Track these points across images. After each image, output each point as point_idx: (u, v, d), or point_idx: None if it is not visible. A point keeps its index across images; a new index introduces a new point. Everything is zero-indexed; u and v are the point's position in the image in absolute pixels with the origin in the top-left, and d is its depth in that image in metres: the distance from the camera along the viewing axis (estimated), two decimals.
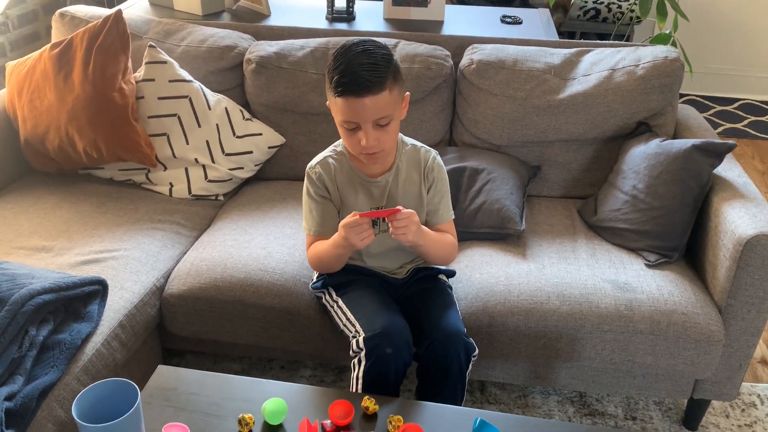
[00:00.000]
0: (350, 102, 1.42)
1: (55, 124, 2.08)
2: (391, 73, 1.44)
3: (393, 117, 1.47)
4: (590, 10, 3.94)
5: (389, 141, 1.50)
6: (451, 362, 1.50)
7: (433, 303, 1.62)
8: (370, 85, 1.40)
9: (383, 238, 1.64)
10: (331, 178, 1.62)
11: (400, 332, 1.51)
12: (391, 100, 1.45)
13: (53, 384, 1.42)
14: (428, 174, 1.63)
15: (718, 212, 1.78)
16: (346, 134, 1.50)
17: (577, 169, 2.19)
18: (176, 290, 1.79)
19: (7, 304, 1.39)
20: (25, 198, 2.07)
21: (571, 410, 2.01)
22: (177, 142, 2.13)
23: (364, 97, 1.40)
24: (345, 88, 1.41)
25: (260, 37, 2.36)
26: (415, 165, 1.64)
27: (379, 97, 1.42)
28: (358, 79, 1.40)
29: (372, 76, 1.40)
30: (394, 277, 1.70)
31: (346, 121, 1.46)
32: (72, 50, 2.10)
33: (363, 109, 1.42)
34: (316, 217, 1.63)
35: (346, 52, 1.43)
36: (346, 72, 1.40)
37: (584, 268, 1.81)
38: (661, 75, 2.08)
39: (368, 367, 1.47)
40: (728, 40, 4.13)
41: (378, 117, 1.44)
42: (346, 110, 1.43)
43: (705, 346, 1.69)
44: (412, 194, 1.64)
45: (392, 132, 1.50)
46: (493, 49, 2.19)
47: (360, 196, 1.62)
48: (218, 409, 1.36)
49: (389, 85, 1.43)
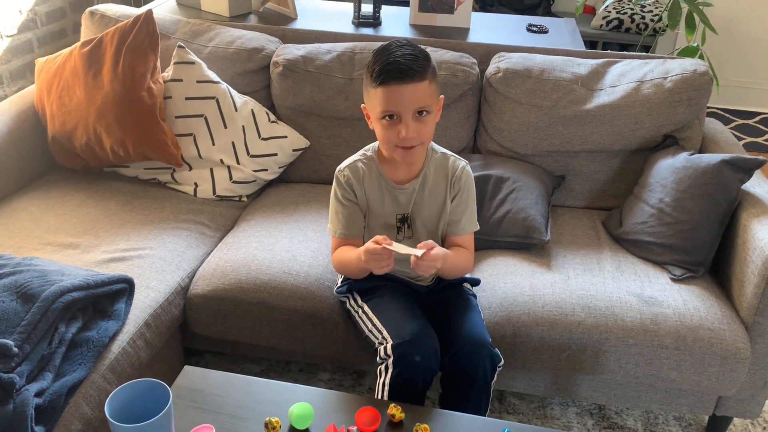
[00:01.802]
0: (392, 89, 1.45)
1: (84, 121, 2.09)
2: (430, 67, 1.49)
3: (432, 110, 1.50)
4: (613, 20, 3.92)
5: (427, 135, 1.53)
6: (476, 372, 1.50)
7: (458, 312, 1.62)
8: (413, 73, 1.44)
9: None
10: (359, 182, 1.62)
11: (428, 340, 1.51)
12: (430, 92, 1.48)
13: (81, 381, 1.43)
14: (455, 183, 1.64)
15: (747, 228, 1.77)
16: (385, 127, 1.50)
17: (601, 180, 2.18)
18: (201, 290, 1.80)
19: (38, 301, 1.40)
20: (52, 194, 2.09)
21: (590, 422, 2.00)
22: (203, 142, 2.15)
23: (406, 84, 1.44)
24: (387, 75, 1.44)
25: (287, 40, 2.37)
26: (442, 173, 1.64)
27: (420, 85, 1.45)
28: (401, 66, 1.44)
29: (414, 64, 1.45)
30: (418, 284, 1.70)
31: (386, 111, 1.48)
32: (102, 49, 2.12)
33: (404, 96, 1.45)
34: (342, 221, 1.64)
35: (386, 48, 1.49)
36: (389, 61, 1.45)
37: (609, 280, 1.81)
38: (689, 88, 2.07)
39: (395, 375, 1.47)
40: (750, 54, 4.11)
41: (419, 106, 1.47)
42: (388, 99, 1.46)
43: (731, 363, 1.68)
44: (436, 202, 1.64)
45: (430, 126, 1.52)
46: (520, 58, 2.19)
47: (386, 202, 1.63)
48: (244, 411, 1.36)
49: (429, 77, 1.47)
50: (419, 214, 1.65)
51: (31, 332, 1.37)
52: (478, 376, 1.50)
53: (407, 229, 1.65)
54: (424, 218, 1.65)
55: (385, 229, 1.65)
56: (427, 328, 1.54)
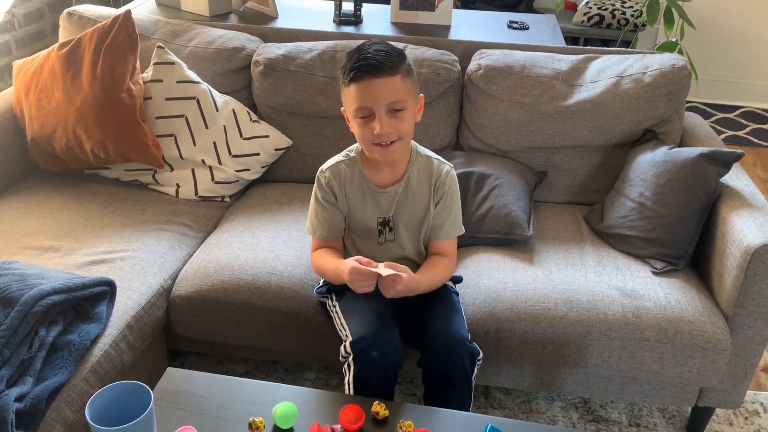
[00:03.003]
0: (364, 85, 1.44)
1: (63, 123, 2.07)
2: (403, 64, 1.48)
3: (407, 106, 1.48)
4: (594, 16, 3.95)
5: (404, 130, 1.50)
6: (455, 369, 1.50)
7: (436, 311, 1.61)
8: (383, 67, 1.43)
9: (389, 248, 1.64)
10: (340, 185, 1.61)
11: (386, 335, 1.51)
12: (404, 88, 1.47)
13: (62, 385, 1.42)
14: (438, 188, 1.62)
15: (726, 221, 1.79)
16: (361, 125, 1.49)
17: (583, 176, 2.19)
18: (184, 292, 1.79)
19: (18, 305, 1.39)
20: (31, 197, 2.07)
21: (576, 416, 2.01)
22: (184, 143, 2.13)
23: (377, 78, 1.43)
24: (359, 71, 1.44)
25: (268, 39, 2.36)
26: (426, 176, 1.63)
27: (392, 79, 1.44)
28: (371, 61, 1.43)
29: (385, 59, 1.44)
30: None
31: (360, 108, 1.47)
32: (80, 50, 2.10)
33: (376, 91, 1.44)
34: (321, 222, 1.64)
35: (359, 47, 1.49)
36: (360, 58, 1.45)
37: (591, 274, 1.82)
38: (668, 83, 2.08)
39: (357, 372, 1.48)
40: (730, 48, 4.15)
41: (391, 100, 1.45)
42: (360, 95, 1.45)
43: (712, 354, 1.69)
44: (420, 206, 1.64)
45: (406, 122, 1.50)
46: (501, 55, 2.20)
47: (368, 205, 1.62)
48: (228, 412, 1.36)
49: (402, 72, 1.46)
50: (402, 217, 1.64)
51: (11, 336, 1.35)
52: (458, 372, 1.50)
53: (389, 232, 1.64)
54: (406, 222, 1.64)
55: (366, 232, 1.65)
56: (387, 324, 1.54)
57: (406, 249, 1.67)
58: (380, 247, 1.65)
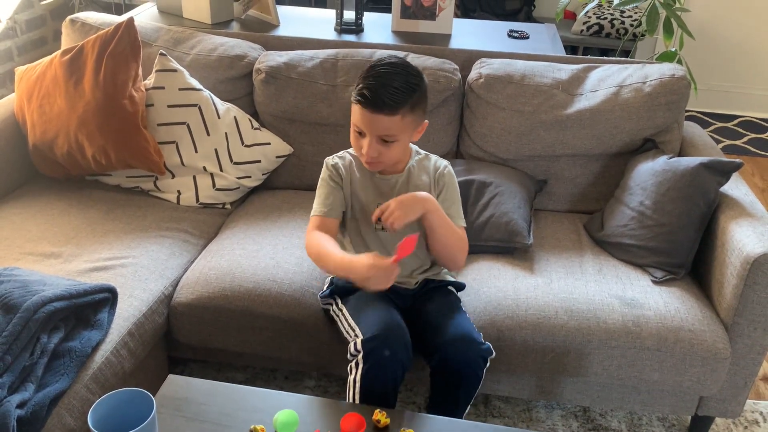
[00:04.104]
0: (363, 112, 1.53)
1: (65, 129, 2.08)
2: (410, 101, 1.53)
3: (398, 138, 1.56)
4: (593, 26, 3.97)
5: (390, 157, 1.59)
6: (467, 369, 1.52)
7: (443, 313, 1.63)
8: (383, 106, 1.50)
9: (388, 237, 1.64)
10: (346, 169, 1.69)
11: (398, 335, 1.51)
12: (401, 125, 1.54)
13: (63, 392, 1.42)
14: (438, 179, 1.69)
15: (725, 230, 1.80)
16: (354, 136, 1.60)
17: (583, 184, 2.20)
18: (185, 299, 1.79)
19: (20, 311, 1.39)
20: (33, 203, 2.07)
21: (575, 425, 2.01)
22: (186, 150, 2.14)
23: (375, 114, 1.51)
24: (362, 99, 1.52)
25: (269, 47, 2.37)
26: (425, 170, 1.70)
27: (389, 118, 1.51)
28: (376, 98, 1.50)
29: (390, 98, 1.50)
30: (404, 287, 1.70)
31: (355, 124, 1.57)
32: (83, 57, 2.11)
33: (371, 122, 1.53)
34: (323, 200, 1.68)
35: (379, 66, 1.54)
36: (370, 86, 1.50)
37: (591, 283, 1.82)
38: (667, 92, 2.09)
39: (366, 371, 1.47)
40: (729, 58, 4.17)
41: (383, 134, 1.54)
42: (358, 116, 1.55)
43: (711, 363, 1.70)
44: None
45: (394, 150, 1.58)
46: (502, 64, 2.21)
47: (369, 191, 1.67)
48: (229, 419, 1.36)
49: (404, 112, 1.52)
50: None
51: (13, 343, 1.35)
52: (470, 372, 1.52)
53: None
54: None
55: (366, 219, 1.66)
56: (398, 324, 1.55)
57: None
58: (380, 234, 1.67)
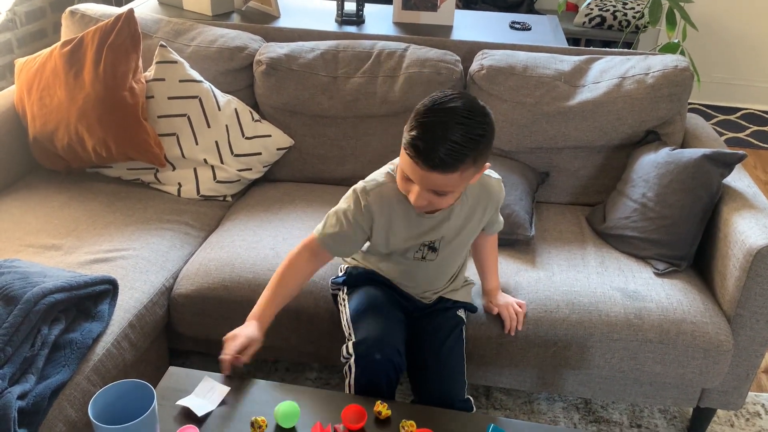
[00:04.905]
0: (415, 167, 1.28)
1: (65, 122, 2.07)
2: (473, 156, 1.28)
3: (454, 191, 1.35)
4: (596, 17, 3.95)
5: (441, 205, 1.39)
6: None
7: (441, 352, 1.56)
8: (441, 165, 1.26)
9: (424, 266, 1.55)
10: (381, 210, 1.46)
11: (389, 337, 1.48)
12: (459, 180, 1.31)
13: (64, 383, 1.42)
14: (495, 207, 1.57)
15: (728, 222, 1.79)
16: (402, 179, 1.36)
17: (585, 176, 2.19)
18: (185, 290, 1.79)
19: (20, 303, 1.38)
20: (33, 196, 2.07)
21: (577, 417, 2.01)
22: (186, 142, 2.13)
23: (430, 173, 1.28)
24: (415, 153, 1.27)
25: (270, 39, 2.36)
26: (481, 201, 1.51)
27: (446, 176, 1.28)
28: (432, 156, 1.25)
29: (449, 157, 1.25)
30: (419, 299, 1.65)
31: (403, 170, 1.34)
32: (83, 48, 2.10)
33: (424, 178, 1.30)
34: (335, 237, 1.49)
35: (438, 110, 1.27)
36: (426, 137, 1.25)
37: (593, 276, 1.82)
38: (670, 84, 2.08)
39: (359, 374, 1.45)
40: (731, 50, 4.15)
41: (436, 189, 1.33)
42: (409, 169, 1.31)
43: (714, 355, 1.69)
44: (469, 229, 1.54)
45: (447, 200, 1.37)
46: (504, 55, 2.20)
47: (412, 231, 1.49)
48: (230, 411, 1.36)
49: (463, 168, 1.28)
50: (448, 241, 1.53)
51: (13, 334, 1.35)
52: None
53: (429, 252, 1.54)
54: (452, 245, 1.54)
55: (405, 251, 1.55)
56: (392, 327, 1.51)
57: (445, 267, 1.61)
58: (416, 262, 1.56)
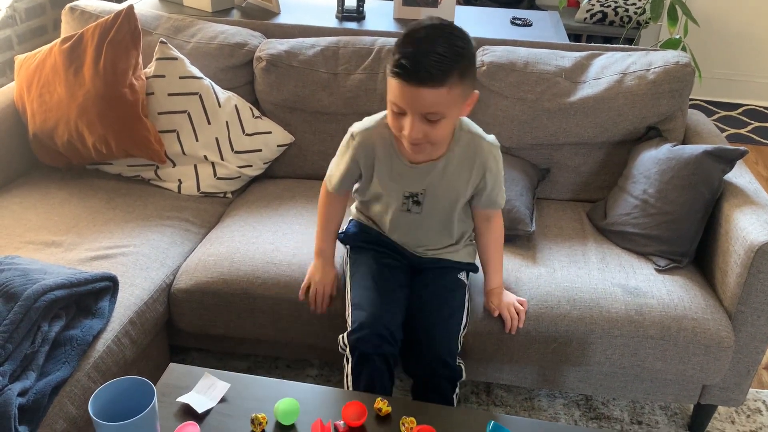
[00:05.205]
0: (403, 87, 1.31)
1: (65, 118, 2.07)
2: (458, 69, 1.31)
3: (447, 115, 1.35)
4: (597, 13, 3.94)
5: (437, 137, 1.39)
6: (437, 387, 1.53)
7: (435, 316, 1.57)
8: (429, 77, 1.28)
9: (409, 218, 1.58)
10: (367, 153, 1.53)
11: (383, 321, 1.50)
12: (448, 99, 1.32)
13: (65, 380, 1.42)
14: (484, 172, 1.53)
15: (729, 218, 1.78)
16: (392, 116, 1.39)
17: (586, 173, 2.19)
18: (184, 285, 1.79)
19: (20, 300, 1.38)
20: (33, 192, 2.07)
21: (577, 413, 2.01)
22: (186, 138, 2.13)
23: (418, 88, 1.30)
24: (402, 72, 1.29)
25: (270, 35, 2.35)
26: (467, 158, 1.50)
27: (435, 92, 1.30)
28: (419, 68, 1.28)
29: (435, 68, 1.28)
30: (416, 255, 1.67)
31: (394, 103, 1.35)
32: (83, 45, 2.10)
33: (414, 99, 1.31)
34: (334, 172, 1.62)
35: (418, 32, 1.31)
36: (411, 55, 1.28)
37: (594, 272, 1.82)
38: (671, 80, 2.08)
39: (354, 365, 1.49)
40: (733, 46, 4.14)
41: (428, 111, 1.33)
42: (398, 94, 1.33)
43: (715, 352, 1.69)
44: (455, 188, 1.54)
45: (441, 129, 1.38)
46: (504, 51, 2.19)
47: (395, 180, 1.53)
48: (230, 408, 1.35)
49: (451, 83, 1.31)
50: (433, 196, 1.54)
51: (14, 331, 1.35)
52: (439, 391, 1.52)
53: (413, 205, 1.56)
54: (437, 201, 1.56)
55: (387, 200, 1.58)
56: (388, 307, 1.51)
57: (431, 224, 1.61)
58: (403, 214, 1.57)
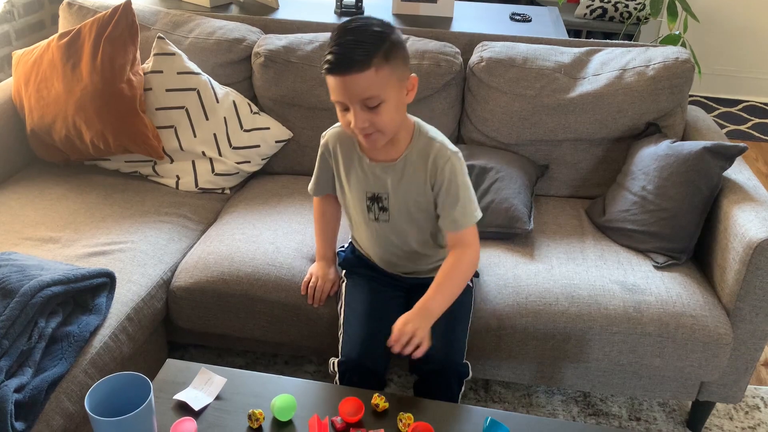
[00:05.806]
0: (336, 80, 1.36)
1: (63, 114, 2.06)
2: (381, 51, 1.35)
3: (383, 99, 1.37)
4: (597, 9, 3.93)
5: (384, 124, 1.41)
6: (442, 386, 1.53)
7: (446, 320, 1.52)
8: (351, 63, 1.33)
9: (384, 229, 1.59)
10: (335, 151, 1.60)
11: (371, 361, 1.52)
12: (378, 81, 1.35)
13: (62, 376, 1.42)
14: (437, 174, 1.50)
15: (728, 215, 1.78)
16: (339, 114, 1.44)
17: (585, 169, 2.18)
18: (183, 283, 1.79)
19: (17, 296, 1.38)
20: (31, 188, 2.06)
21: (576, 410, 2.01)
22: (184, 134, 2.12)
23: (346, 75, 1.34)
24: (330, 66, 1.35)
25: (268, 31, 2.35)
26: (422, 160, 1.51)
27: (363, 75, 1.34)
28: (341, 57, 1.33)
29: (356, 53, 1.33)
30: (408, 277, 1.67)
31: (336, 100, 1.41)
32: (80, 40, 2.09)
33: (347, 87, 1.36)
34: (314, 177, 1.72)
35: (340, 32, 1.37)
36: (335, 50, 1.34)
37: (593, 269, 1.81)
38: (671, 76, 2.07)
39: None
40: (733, 42, 4.13)
41: (364, 97, 1.36)
42: (334, 88, 1.39)
43: (713, 348, 1.69)
44: (416, 191, 1.53)
45: (385, 115, 1.39)
46: (504, 47, 2.19)
47: (357, 178, 1.57)
48: (227, 403, 1.35)
49: (377, 64, 1.34)
50: (396, 199, 1.55)
51: (10, 327, 1.35)
52: (447, 389, 1.52)
53: (380, 211, 1.57)
54: (401, 205, 1.55)
55: (356, 206, 1.60)
56: (377, 347, 1.50)
57: (406, 236, 1.60)
58: (373, 224, 1.59)
